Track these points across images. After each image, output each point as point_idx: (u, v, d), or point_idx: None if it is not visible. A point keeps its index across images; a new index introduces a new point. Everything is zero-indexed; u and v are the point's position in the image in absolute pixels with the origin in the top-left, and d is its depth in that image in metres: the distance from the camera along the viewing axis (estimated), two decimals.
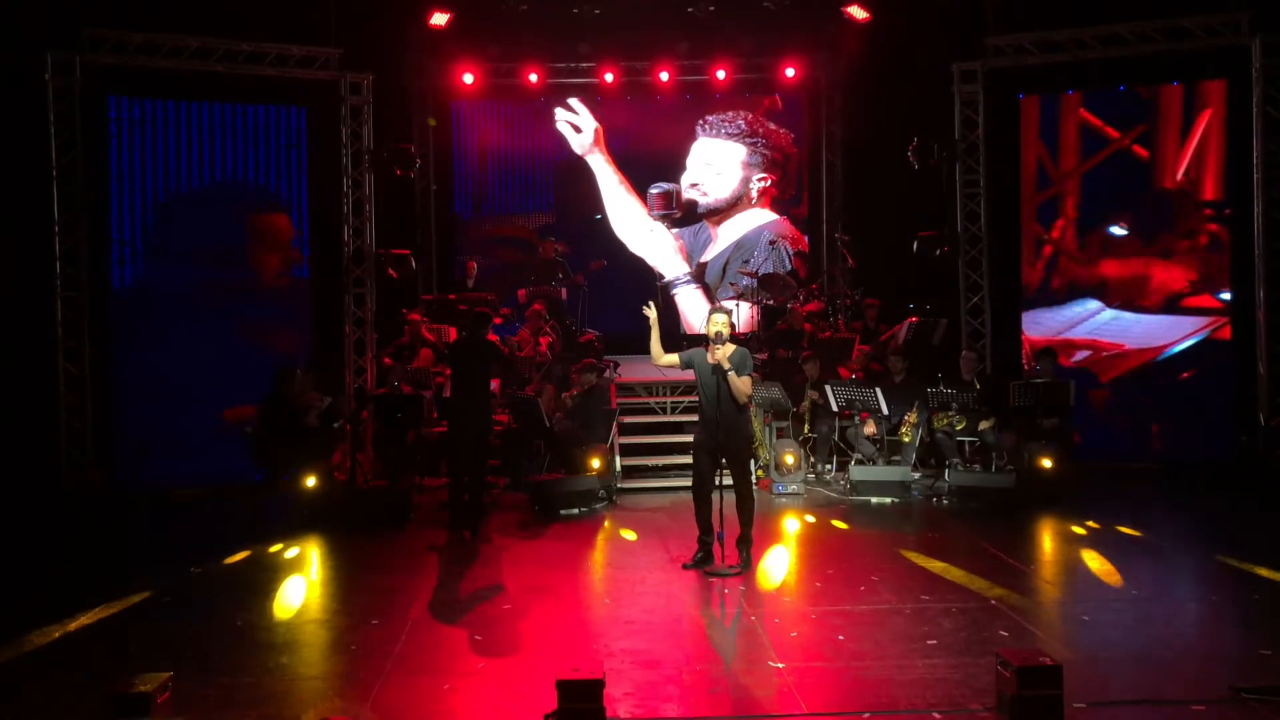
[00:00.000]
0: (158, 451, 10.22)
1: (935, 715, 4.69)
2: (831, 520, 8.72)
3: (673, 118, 14.23)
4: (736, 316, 11.44)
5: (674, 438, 10.57)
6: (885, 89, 12.71)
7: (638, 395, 11.18)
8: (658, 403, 11.12)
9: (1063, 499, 8.97)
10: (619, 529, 8.63)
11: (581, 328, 12.69)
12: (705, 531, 7.21)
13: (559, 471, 9.78)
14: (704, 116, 14.16)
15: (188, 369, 10.43)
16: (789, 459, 9.76)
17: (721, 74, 13.75)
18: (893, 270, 12.52)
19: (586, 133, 14.09)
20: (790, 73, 13.88)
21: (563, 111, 14.05)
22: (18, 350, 9.80)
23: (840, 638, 5.76)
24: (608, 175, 14.20)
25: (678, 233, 14.29)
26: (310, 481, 8.92)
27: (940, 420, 9.89)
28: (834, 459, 10.45)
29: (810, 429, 10.46)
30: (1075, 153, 11.34)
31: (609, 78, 13.60)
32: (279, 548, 8.09)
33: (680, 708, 4.91)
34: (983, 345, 11.21)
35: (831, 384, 10.04)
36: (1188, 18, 10.51)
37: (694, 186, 14.16)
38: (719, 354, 7.03)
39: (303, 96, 11.06)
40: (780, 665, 5.36)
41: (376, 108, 11.21)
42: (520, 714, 4.81)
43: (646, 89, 13.93)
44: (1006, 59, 11.27)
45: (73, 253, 9.97)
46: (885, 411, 9.81)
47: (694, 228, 14.34)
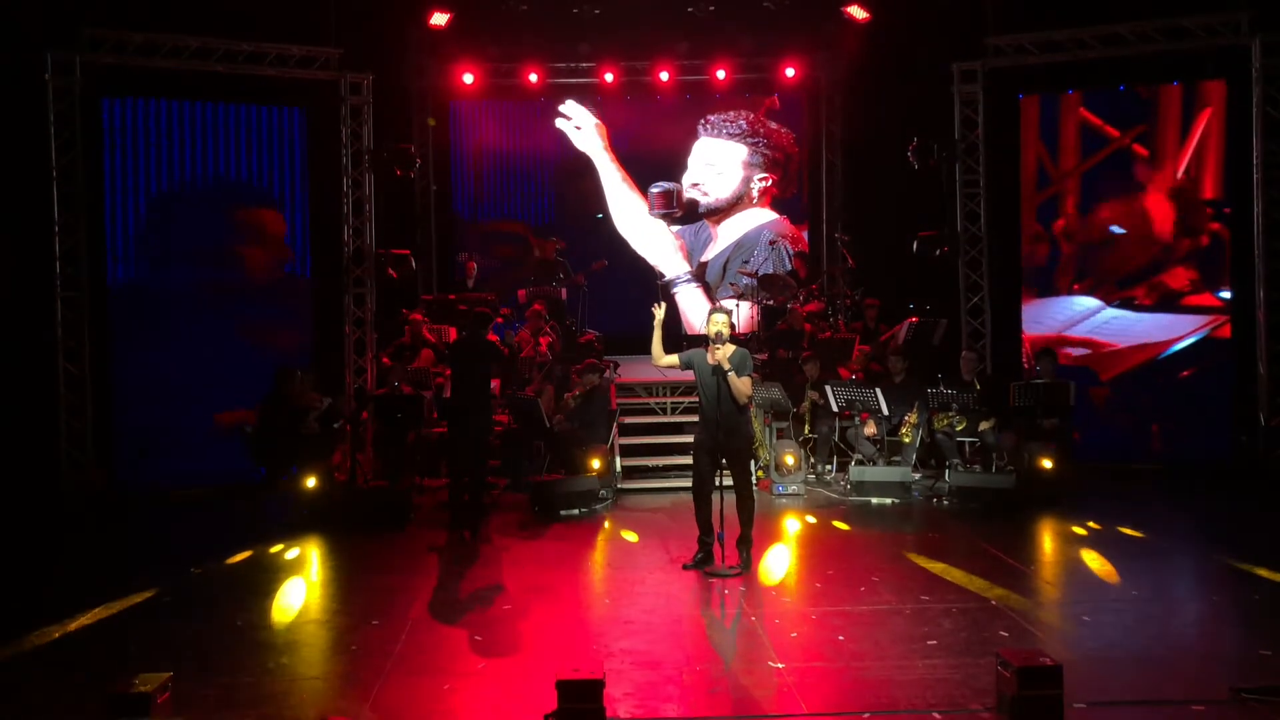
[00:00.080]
0: (158, 451, 10.23)
1: (935, 715, 4.69)
2: (832, 521, 8.72)
3: (673, 118, 14.23)
4: (736, 316, 11.44)
5: (674, 438, 10.58)
6: (885, 89, 12.71)
7: (638, 395, 11.18)
8: (658, 403, 11.12)
9: (1063, 499, 8.97)
10: (619, 529, 8.63)
11: (581, 328, 12.68)
12: (705, 532, 7.21)
13: (559, 472, 9.77)
14: (705, 116, 14.17)
15: (188, 369, 10.45)
16: (789, 459, 9.76)
17: (721, 74, 13.75)
18: (893, 270, 12.52)
19: (587, 130, 14.10)
20: (790, 73, 13.88)
21: (564, 111, 14.06)
22: (18, 350, 9.81)
23: (840, 638, 5.76)
24: (611, 173, 14.21)
25: (678, 231, 14.30)
26: (310, 481, 8.92)
27: (940, 421, 9.89)
28: (834, 459, 10.45)
29: (810, 429, 10.46)
30: (1075, 152, 11.34)
31: (609, 78, 13.60)
32: (279, 548, 8.09)
33: (680, 708, 4.91)
34: (983, 345, 11.21)
35: (831, 384, 10.03)
36: (1188, 18, 10.50)
37: (695, 186, 14.17)
38: (719, 354, 7.03)
39: (303, 97, 11.06)
40: (780, 665, 5.36)
41: (376, 108, 11.21)
42: (520, 714, 4.81)
43: (646, 89, 13.93)
44: (1006, 59, 11.27)
45: (73, 253, 9.98)
46: (885, 412, 9.81)
47: (694, 227, 14.35)
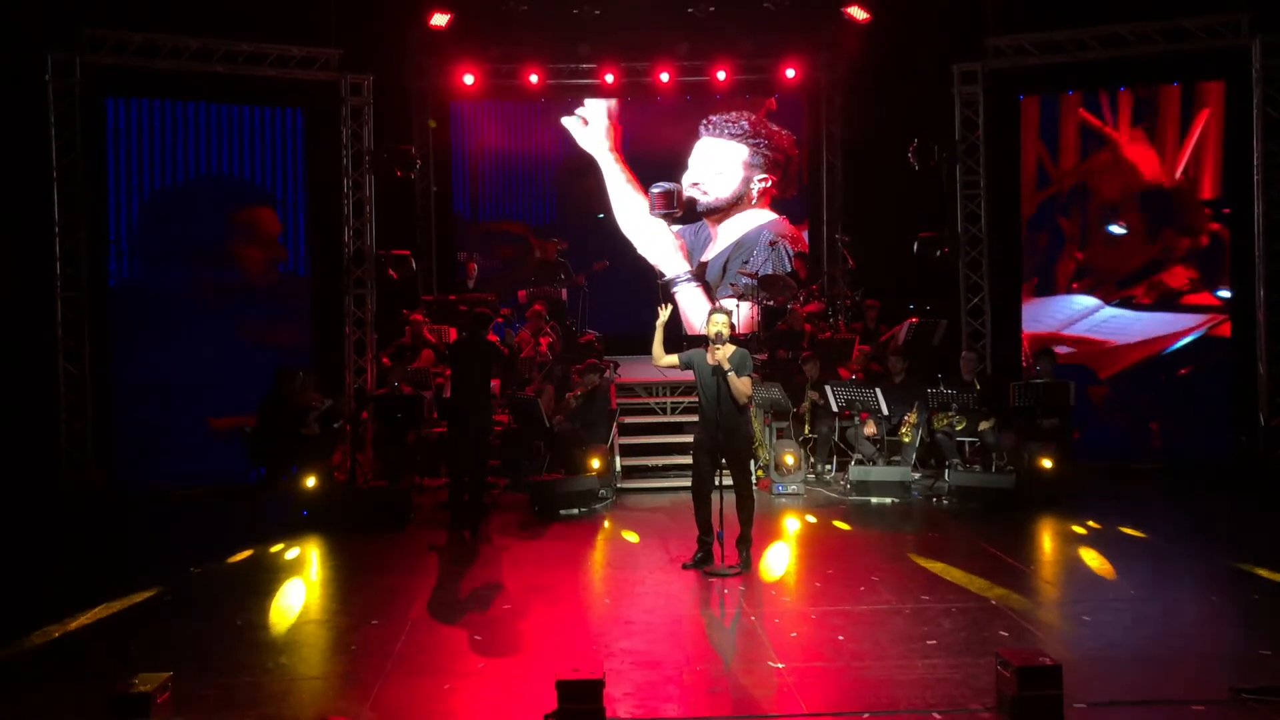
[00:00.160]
0: (158, 451, 10.23)
1: (935, 715, 4.69)
2: (831, 520, 8.72)
3: (673, 119, 14.25)
4: (736, 317, 11.44)
5: (674, 438, 10.58)
6: (885, 90, 12.71)
7: (638, 395, 11.18)
8: (658, 403, 11.12)
9: (1062, 499, 8.97)
10: (619, 529, 8.63)
11: (581, 328, 12.69)
12: (705, 532, 7.21)
13: (559, 472, 9.78)
14: (708, 116, 14.19)
15: (188, 369, 10.45)
16: (789, 459, 9.76)
17: (722, 75, 13.75)
18: (893, 271, 12.52)
19: (597, 129, 14.08)
20: (790, 73, 13.87)
21: (582, 111, 14.07)
22: (18, 350, 9.81)
23: (840, 638, 5.76)
24: (615, 173, 14.21)
25: (678, 231, 14.30)
26: (310, 482, 8.92)
27: (940, 420, 9.89)
28: (834, 459, 10.45)
29: (810, 429, 10.46)
30: (1075, 152, 11.35)
31: (609, 78, 13.60)
32: (279, 548, 8.09)
33: (680, 708, 4.91)
34: (983, 346, 11.21)
35: (831, 384, 10.03)
36: (1188, 18, 10.50)
37: (695, 185, 14.18)
38: (719, 355, 7.03)
39: (303, 97, 11.06)
40: (780, 665, 5.36)
41: (376, 108, 11.20)
42: (520, 714, 4.81)
43: (647, 90, 13.93)
44: (1007, 60, 11.27)
45: (73, 253, 9.98)
46: (885, 412, 9.81)
47: (694, 227, 14.36)
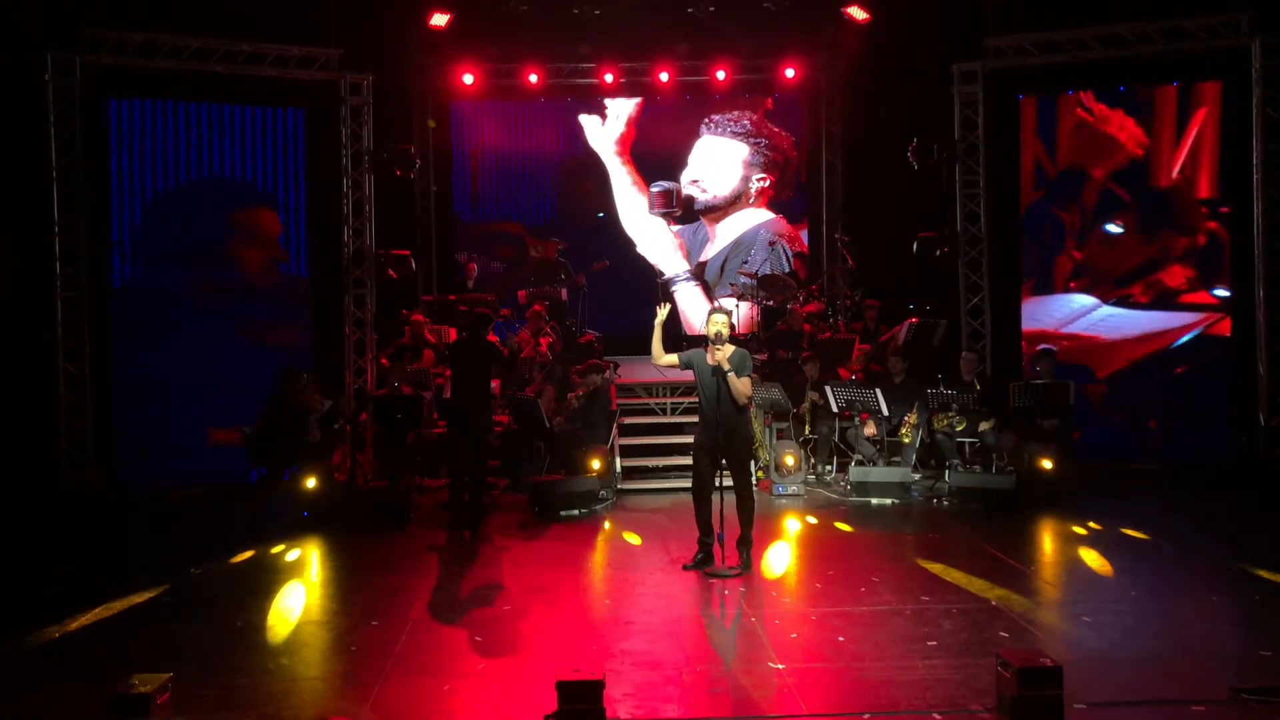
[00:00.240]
0: (158, 451, 10.23)
1: (935, 716, 4.69)
2: (832, 521, 8.71)
3: (672, 118, 14.23)
4: (736, 317, 11.43)
5: (674, 439, 10.58)
6: (885, 89, 12.71)
7: (638, 396, 11.18)
8: (658, 403, 11.12)
9: (1063, 500, 8.97)
10: (619, 530, 8.63)
11: (581, 328, 12.68)
12: (705, 532, 7.21)
13: (559, 472, 9.77)
14: (709, 115, 14.19)
15: (188, 369, 10.44)
16: (789, 460, 9.76)
17: (721, 75, 13.73)
18: (893, 271, 12.51)
19: (612, 128, 14.06)
20: (790, 73, 13.86)
21: (608, 108, 14.11)
22: (18, 350, 9.81)
23: (840, 639, 5.76)
24: (621, 174, 14.21)
25: (678, 230, 14.30)
26: (310, 482, 8.92)
27: (940, 421, 9.89)
28: (834, 460, 10.45)
29: (810, 430, 10.46)
30: (1071, 151, 11.35)
31: (609, 78, 13.59)
32: (279, 548, 8.09)
33: (680, 708, 4.91)
34: (983, 346, 11.21)
35: (831, 385, 10.03)
36: (1187, 18, 10.50)
37: (694, 183, 14.17)
38: (719, 355, 7.03)
39: (303, 97, 11.05)
40: (780, 666, 5.36)
41: (376, 108, 11.19)
42: (520, 715, 4.81)
43: (647, 90, 13.92)
44: (1006, 60, 11.26)
45: (73, 253, 9.98)
46: (885, 412, 9.80)
47: (692, 226, 14.35)
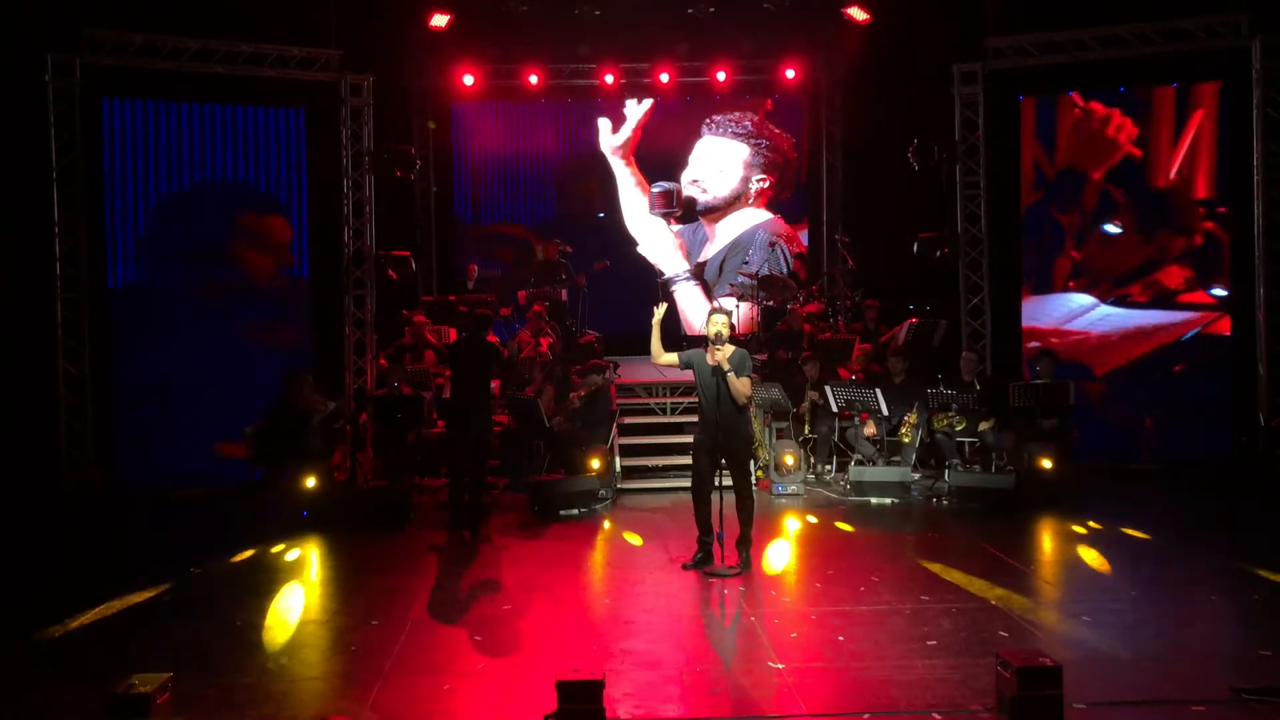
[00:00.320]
0: (157, 451, 10.23)
1: (935, 716, 4.70)
2: (831, 521, 8.71)
3: (673, 119, 14.23)
4: (735, 317, 11.43)
5: (674, 438, 10.57)
6: (885, 90, 12.71)
7: (638, 396, 11.18)
8: (657, 403, 11.12)
9: (1062, 499, 8.97)
10: (619, 530, 8.63)
11: (581, 329, 12.68)
12: (705, 532, 7.21)
13: (559, 472, 9.77)
14: (710, 116, 14.18)
15: (187, 369, 10.44)
16: (789, 460, 9.76)
17: (722, 75, 13.73)
18: (893, 271, 12.52)
19: (624, 130, 14.06)
20: (790, 74, 13.86)
21: (626, 110, 14.09)
22: (18, 350, 9.80)
23: (840, 638, 5.76)
24: (625, 176, 14.21)
25: (678, 230, 14.30)
26: (310, 482, 8.92)
27: (940, 421, 9.89)
28: (834, 459, 10.45)
29: (810, 430, 10.46)
30: (1070, 152, 11.36)
31: (609, 79, 13.59)
32: (279, 548, 8.09)
33: (680, 708, 4.91)
34: (983, 346, 11.21)
35: (831, 385, 10.03)
36: (1188, 19, 10.51)
37: (694, 183, 14.16)
38: (718, 355, 7.04)
39: (303, 98, 11.05)
40: (780, 666, 5.36)
41: (376, 109, 11.19)
42: (520, 714, 4.81)
43: (647, 90, 13.91)
44: (1007, 60, 11.27)
45: (73, 253, 9.98)
46: (885, 412, 9.80)
47: (691, 225, 14.35)
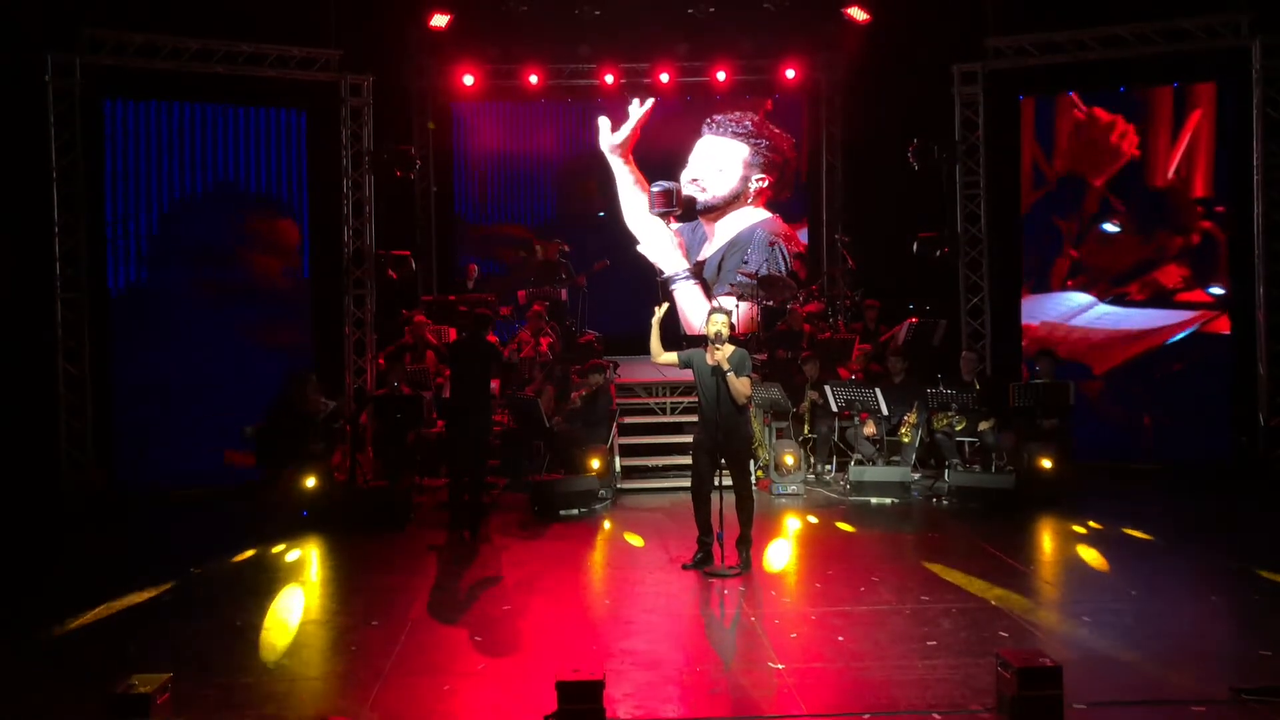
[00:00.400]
0: (157, 451, 10.22)
1: (935, 716, 4.70)
2: (831, 521, 8.71)
3: (673, 119, 14.22)
4: (735, 316, 11.43)
5: (674, 438, 10.57)
6: (885, 90, 12.71)
7: (637, 396, 11.18)
8: (657, 403, 11.12)
9: (1062, 499, 8.97)
10: (619, 530, 8.63)
11: (581, 328, 12.68)
12: (705, 532, 7.21)
13: (559, 472, 9.77)
14: (711, 115, 14.18)
15: (187, 369, 10.43)
16: (789, 459, 9.76)
17: (722, 75, 13.73)
18: (893, 271, 12.52)
19: (627, 129, 14.07)
20: (790, 74, 13.86)
21: (631, 110, 14.05)
22: (18, 350, 9.80)
23: (840, 638, 5.76)
24: (625, 174, 14.21)
25: (677, 229, 14.30)
26: (310, 482, 8.92)
27: (940, 421, 9.89)
28: (834, 459, 10.45)
29: (810, 429, 10.46)
30: (1069, 151, 11.37)
31: (609, 79, 13.59)
32: (279, 548, 8.09)
33: (680, 708, 4.92)
34: (983, 346, 11.21)
35: (831, 384, 10.03)
36: (1188, 19, 10.51)
37: (694, 182, 14.15)
38: (718, 355, 7.04)
39: (303, 98, 11.05)
40: (780, 666, 5.36)
41: (377, 109, 11.20)
42: (520, 715, 4.81)
43: (647, 90, 13.91)
44: (1006, 60, 11.27)
45: (73, 253, 9.98)
46: (885, 412, 9.81)
47: (690, 224, 14.35)
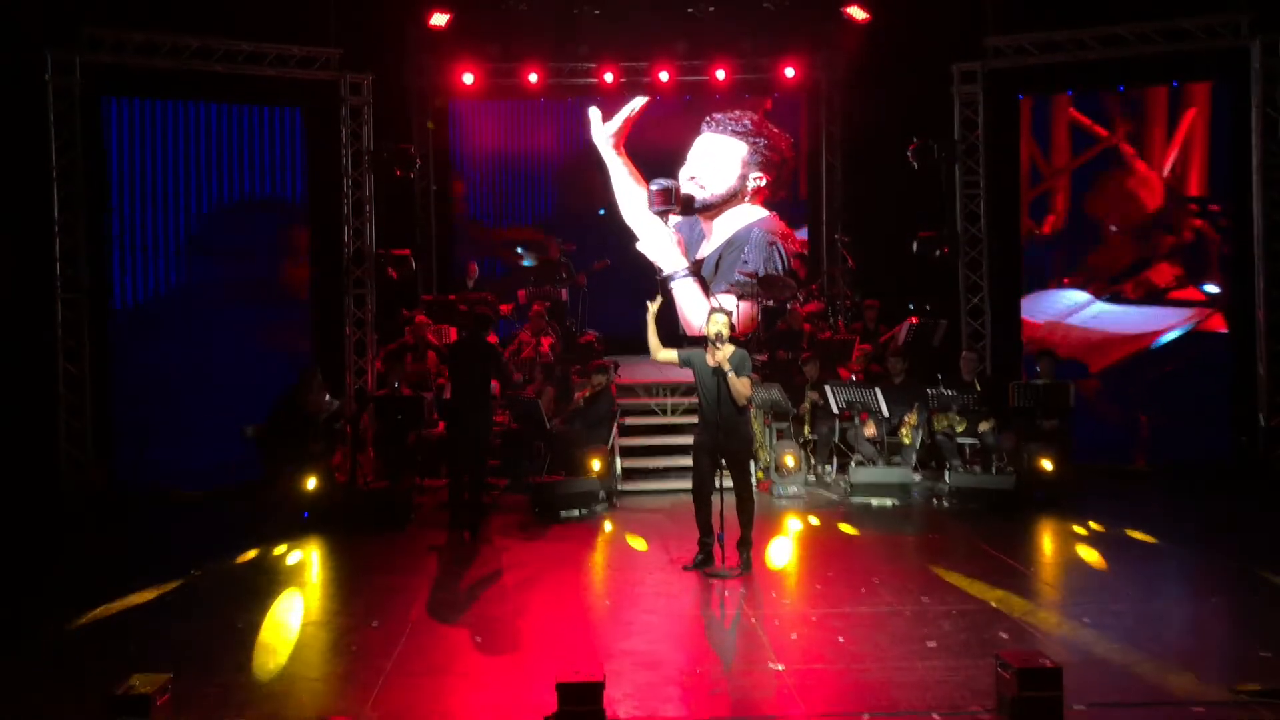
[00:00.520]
0: (157, 451, 10.22)
1: (935, 717, 4.70)
2: (832, 522, 8.71)
3: (672, 118, 14.22)
4: (735, 316, 11.42)
5: (674, 439, 10.56)
6: (885, 90, 12.70)
7: (638, 396, 11.17)
8: (658, 404, 11.11)
9: (1062, 500, 8.97)
10: (619, 531, 8.63)
11: (581, 328, 12.68)
12: (705, 533, 7.21)
13: (559, 473, 9.76)
14: (710, 114, 14.18)
15: (187, 369, 10.45)
16: (789, 460, 9.75)
17: (721, 74, 13.71)
18: (893, 271, 12.51)
19: (614, 122, 14.07)
20: (790, 73, 13.85)
21: (631, 104, 14.07)
22: (18, 350, 9.80)
23: (840, 639, 5.77)
24: (618, 166, 14.20)
25: (675, 226, 14.30)
26: (311, 483, 8.92)
27: (940, 421, 9.88)
28: (834, 460, 10.44)
29: (810, 430, 10.45)
30: (1066, 150, 11.40)
31: (609, 78, 13.59)
32: (279, 549, 8.08)
33: (680, 709, 4.92)
34: (983, 346, 11.21)
35: (831, 385, 10.01)
36: (1187, 19, 10.52)
37: (692, 179, 14.14)
38: (719, 355, 7.03)
39: (302, 97, 11.06)
40: (780, 667, 5.36)
41: (376, 108, 11.20)
42: (520, 715, 4.81)
43: (646, 89, 13.91)
44: (1006, 60, 11.27)
45: (72, 253, 9.98)
46: (885, 413, 9.80)
47: (688, 222, 14.33)
